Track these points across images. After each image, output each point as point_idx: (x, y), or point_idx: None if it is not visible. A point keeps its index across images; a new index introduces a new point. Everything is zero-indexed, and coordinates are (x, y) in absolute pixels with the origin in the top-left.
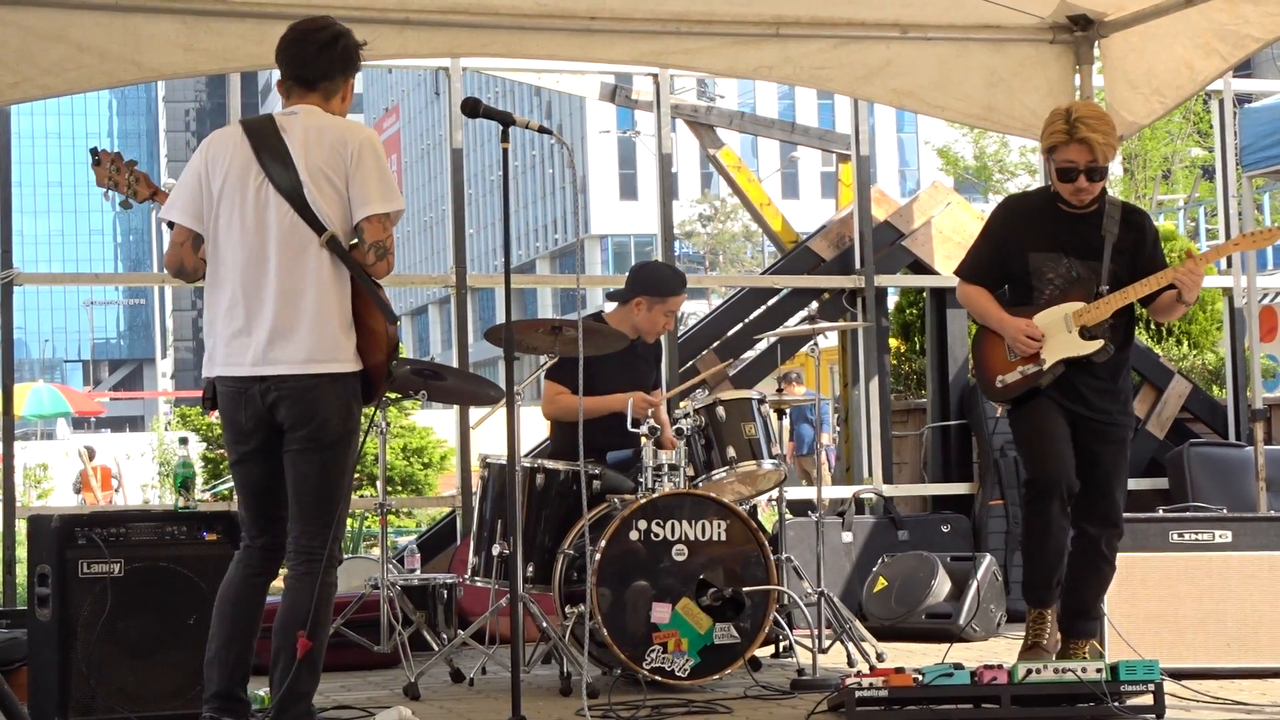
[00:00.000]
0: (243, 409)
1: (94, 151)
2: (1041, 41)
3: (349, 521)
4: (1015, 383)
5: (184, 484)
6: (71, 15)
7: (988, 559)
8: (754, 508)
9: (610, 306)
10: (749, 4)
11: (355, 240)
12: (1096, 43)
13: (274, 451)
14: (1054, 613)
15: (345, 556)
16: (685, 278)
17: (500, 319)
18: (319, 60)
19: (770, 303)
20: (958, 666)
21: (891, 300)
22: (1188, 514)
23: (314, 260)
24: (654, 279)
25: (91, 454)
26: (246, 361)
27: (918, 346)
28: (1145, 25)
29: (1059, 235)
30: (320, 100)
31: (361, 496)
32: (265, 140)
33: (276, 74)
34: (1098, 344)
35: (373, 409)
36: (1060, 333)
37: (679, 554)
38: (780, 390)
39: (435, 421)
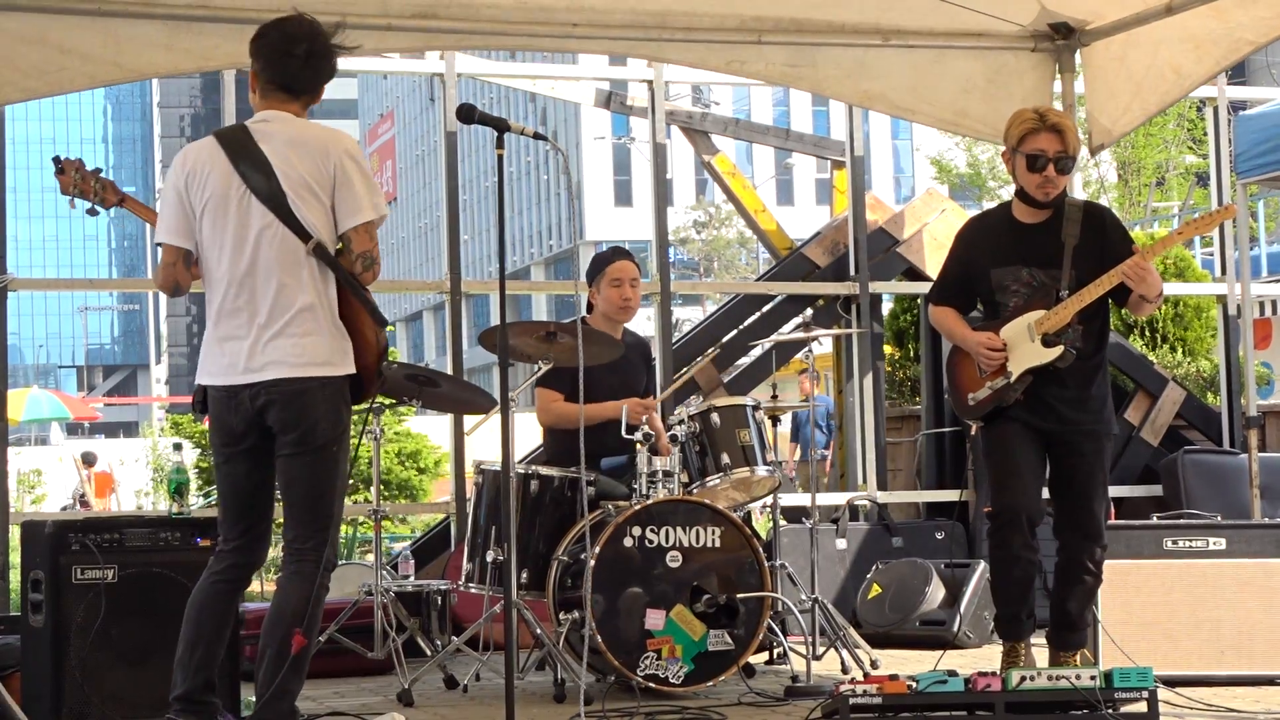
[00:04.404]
0: (234, 413)
1: (56, 160)
2: (1022, 49)
3: (343, 527)
4: (985, 398)
5: (178, 490)
6: (51, 20)
7: (981, 566)
8: (748, 514)
9: None
10: (730, 5)
11: (340, 246)
12: (1078, 50)
13: (261, 456)
14: (1026, 646)
15: (340, 562)
16: (625, 249)
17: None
18: (304, 72)
19: (765, 309)
20: (951, 674)
21: (886, 307)
22: (1182, 521)
23: (301, 267)
24: (591, 262)
25: (90, 461)
26: (239, 368)
27: (912, 353)
28: (1127, 33)
29: (1017, 247)
30: (300, 109)
31: (356, 502)
32: (243, 151)
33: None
34: (1058, 350)
35: (367, 413)
36: (1024, 343)
37: (673, 560)
38: (774, 396)
39: (430, 427)
